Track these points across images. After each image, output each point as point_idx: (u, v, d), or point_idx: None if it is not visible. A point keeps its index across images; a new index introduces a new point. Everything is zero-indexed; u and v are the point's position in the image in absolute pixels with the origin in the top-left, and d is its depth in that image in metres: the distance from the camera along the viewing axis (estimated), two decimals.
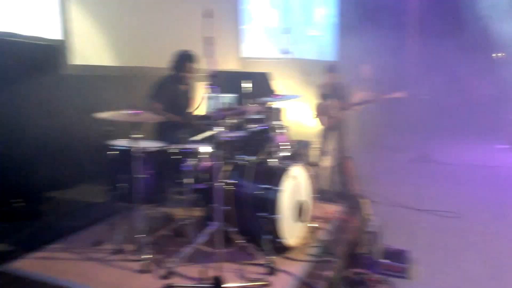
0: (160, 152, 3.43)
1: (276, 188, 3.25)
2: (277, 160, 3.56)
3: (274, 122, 3.77)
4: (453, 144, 9.62)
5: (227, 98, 4.97)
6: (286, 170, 3.35)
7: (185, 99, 4.42)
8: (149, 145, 3.44)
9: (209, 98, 5.12)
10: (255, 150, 3.68)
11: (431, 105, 9.24)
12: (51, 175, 4.37)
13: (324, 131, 6.34)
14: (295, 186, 3.46)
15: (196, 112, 4.25)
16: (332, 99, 6.04)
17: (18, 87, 4.19)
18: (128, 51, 5.45)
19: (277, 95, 4.10)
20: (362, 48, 9.05)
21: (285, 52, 4.11)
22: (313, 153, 6.21)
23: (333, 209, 4.43)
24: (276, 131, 3.69)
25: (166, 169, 3.43)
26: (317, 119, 6.35)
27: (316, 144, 6.33)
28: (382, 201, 5.17)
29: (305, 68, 8.09)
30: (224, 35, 7.22)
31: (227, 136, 3.74)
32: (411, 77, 10.35)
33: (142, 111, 3.21)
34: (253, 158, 3.64)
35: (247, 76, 5.32)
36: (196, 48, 4.16)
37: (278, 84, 6.10)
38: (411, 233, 4.61)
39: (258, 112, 3.83)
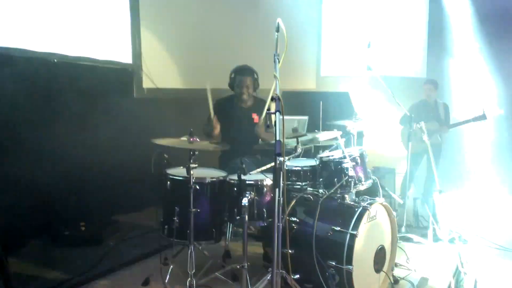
0: (218, 183, 3.07)
1: (351, 231, 2.69)
2: (353, 195, 2.99)
3: (352, 149, 3.23)
4: None
5: (298, 121, 4.47)
6: (365, 209, 2.77)
7: (246, 121, 3.87)
8: (207, 174, 3.10)
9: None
10: (327, 182, 3.16)
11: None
12: (113, 200, 4.29)
13: (412, 158, 5.53)
14: (374, 229, 2.87)
15: (260, 137, 3.79)
16: (427, 120, 5.25)
17: (95, 111, 4.20)
18: (198, 73, 5.30)
19: (357, 118, 3.55)
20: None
21: (369, 68, 3.53)
22: (397, 185, 5.47)
23: (419, 254, 3.70)
24: (354, 160, 3.14)
25: (224, 202, 3.06)
26: (403, 143, 5.59)
27: (400, 173, 5.56)
28: (479, 242, 4.22)
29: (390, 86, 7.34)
30: (302, 52, 6.82)
31: (294, 166, 3.29)
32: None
33: (198, 139, 2.90)
34: (323, 192, 3.12)
35: (322, 95, 4.84)
36: (267, 67, 3.80)
37: (360, 104, 5.48)
38: None
39: (333, 138, 3.31)
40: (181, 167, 3.12)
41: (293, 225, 2.99)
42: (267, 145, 3.45)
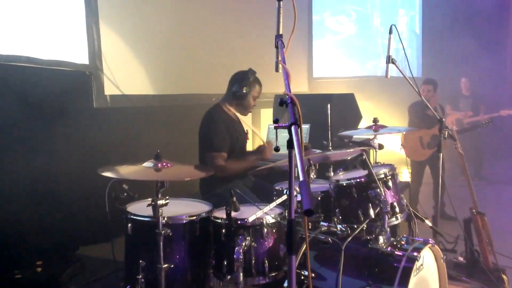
0: (200, 223, 2.20)
1: None
2: (388, 234, 2.14)
3: (379, 168, 2.40)
4: None
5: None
6: (412, 259, 1.93)
7: (244, 137, 3.11)
8: (183, 210, 2.23)
9: (271, 132, 3.99)
10: (348, 215, 2.32)
11: None
12: (76, 232, 3.38)
13: (415, 166, 4.79)
14: (420, 284, 2.03)
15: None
16: (430, 125, 4.51)
17: (46, 127, 3.28)
18: (173, 77, 4.42)
19: (380, 126, 2.73)
20: (452, 59, 7.39)
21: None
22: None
23: None
24: (385, 183, 2.31)
25: (209, 248, 2.19)
26: (405, 149, 4.83)
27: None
28: None
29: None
30: (293, 53, 6.01)
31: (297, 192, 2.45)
32: None
33: (169, 164, 2.02)
34: (343, 229, 2.28)
35: (324, 98, 4.01)
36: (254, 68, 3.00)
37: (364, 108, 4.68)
38: None
39: (352, 154, 2.48)
40: (149, 200, 2.24)
41: (305, 280, 2.13)
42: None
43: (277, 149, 1.42)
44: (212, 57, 4.72)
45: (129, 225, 2.19)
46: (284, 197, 1.98)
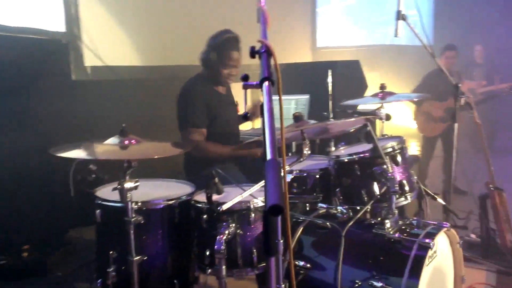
0: (180, 207, 1.91)
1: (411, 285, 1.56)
2: (396, 217, 1.84)
3: (386, 142, 2.08)
4: None
5: (297, 101, 3.27)
6: (425, 247, 1.63)
7: (230, 113, 2.68)
8: (160, 193, 1.95)
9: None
10: (350, 196, 2.02)
11: None
12: (63, 214, 3.11)
13: (426, 140, 4.47)
14: (434, 273, 1.74)
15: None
16: (446, 96, 4.14)
17: (22, 100, 2.97)
18: (156, 47, 4.05)
19: (388, 93, 2.40)
20: (466, 25, 6.89)
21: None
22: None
23: (480, 278, 2.61)
24: (393, 158, 1.99)
25: (191, 234, 1.92)
26: (417, 122, 4.51)
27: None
28: None
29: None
30: (294, 20, 5.58)
31: (294, 169, 2.15)
32: None
33: (134, 140, 1.72)
34: (345, 212, 1.99)
35: (327, 66, 3.64)
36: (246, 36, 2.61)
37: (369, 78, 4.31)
38: None
39: (355, 125, 2.15)
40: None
41: (300, 271, 1.85)
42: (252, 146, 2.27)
43: (245, 116, 1.10)
44: (205, 23, 4.33)
45: (98, 211, 1.90)
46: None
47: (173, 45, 4.14)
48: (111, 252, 1.83)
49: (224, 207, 1.66)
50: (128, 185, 1.70)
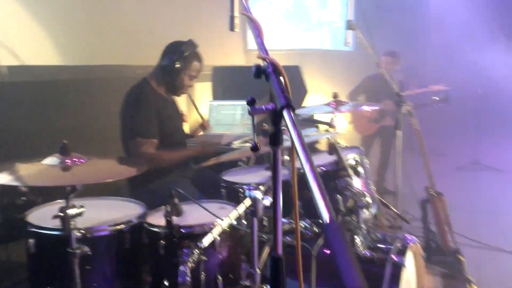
0: (130, 233, 1.68)
1: None
2: (364, 232, 1.79)
3: (346, 152, 2.04)
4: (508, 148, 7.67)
5: (242, 107, 3.14)
6: (398, 266, 1.60)
7: (180, 119, 2.58)
8: (104, 217, 1.69)
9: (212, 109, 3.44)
10: (315, 211, 1.94)
11: (482, 101, 7.38)
12: None
13: (365, 140, 4.67)
14: (404, 285, 1.72)
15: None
16: (383, 98, 4.32)
17: None
18: (83, 45, 3.65)
19: (339, 102, 2.36)
20: (383, 34, 7.31)
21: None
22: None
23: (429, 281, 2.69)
24: (354, 169, 1.95)
25: (144, 264, 1.69)
26: (353, 125, 4.67)
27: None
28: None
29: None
30: (224, 20, 5.44)
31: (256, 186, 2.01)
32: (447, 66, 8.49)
33: (80, 159, 1.46)
34: (309, 228, 1.90)
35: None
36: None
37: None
38: None
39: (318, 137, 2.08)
40: (58, 202, 1.67)
41: None
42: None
43: (255, 148, 0.96)
44: (138, 20, 4.01)
45: (31, 240, 1.60)
46: (247, 202, 1.50)
47: (100, 43, 3.77)
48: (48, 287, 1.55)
49: (205, 241, 1.48)
50: (71, 211, 1.44)
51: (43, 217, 1.63)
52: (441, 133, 7.46)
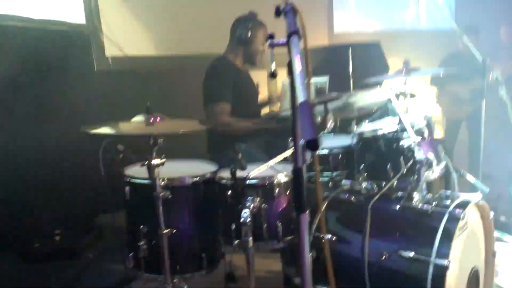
0: (204, 184, 1.94)
1: (438, 260, 1.54)
2: (424, 191, 1.82)
3: (411, 117, 2.05)
4: None
5: (315, 83, 3.25)
6: (455, 217, 1.61)
7: (254, 90, 2.82)
8: (185, 171, 1.97)
9: (286, 86, 3.60)
10: (375, 171, 2.00)
11: None
12: (94, 198, 3.19)
13: (449, 125, 4.35)
14: (465, 245, 1.71)
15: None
16: (468, 78, 4.01)
17: (46, 91, 3.06)
18: (177, 36, 4.06)
19: (410, 69, 2.35)
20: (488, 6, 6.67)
21: None
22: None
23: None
24: (420, 132, 1.96)
25: (216, 211, 1.94)
26: (441, 105, 4.38)
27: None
28: None
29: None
30: (310, 4, 5.51)
31: (323, 148, 2.14)
32: None
33: (159, 118, 1.75)
34: (370, 187, 1.97)
35: (346, 48, 3.59)
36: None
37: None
38: None
39: (377, 98, 2.13)
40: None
41: (330, 240, 1.85)
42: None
43: (273, 74, 1.11)
44: (222, 11, 4.32)
45: (127, 188, 1.95)
46: (291, 149, 1.66)
47: (189, 35, 4.15)
48: (141, 226, 1.87)
49: (251, 174, 1.68)
50: (155, 161, 1.73)
51: (135, 170, 1.96)
52: None
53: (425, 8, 7.02)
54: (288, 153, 1.77)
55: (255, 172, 1.70)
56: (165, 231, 1.79)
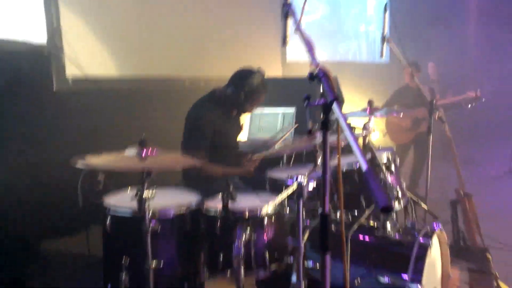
0: (190, 216, 1.97)
1: (414, 285, 1.72)
2: (393, 221, 2.01)
3: (381, 152, 2.25)
4: None
5: (283, 115, 3.38)
6: (424, 247, 1.80)
7: (237, 131, 2.79)
8: (168, 202, 1.99)
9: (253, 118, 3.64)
10: (351, 203, 2.17)
11: None
12: (37, 225, 3.01)
13: (400, 148, 4.79)
14: (429, 271, 1.92)
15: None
16: (413, 106, 4.47)
17: None
18: (142, 56, 4.06)
19: (374, 109, 2.59)
20: (420, 45, 7.42)
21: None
22: None
23: (456, 275, 2.83)
24: (388, 167, 2.16)
25: (200, 243, 1.97)
26: (390, 135, 4.83)
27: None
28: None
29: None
30: (263, 34, 5.76)
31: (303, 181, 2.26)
32: (483, 73, 8.40)
33: (154, 152, 1.77)
34: (348, 217, 2.13)
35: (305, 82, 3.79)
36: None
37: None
38: None
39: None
40: (128, 190, 2.00)
41: (309, 271, 1.97)
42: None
43: (310, 131, 1.22)
44: (185, 34, 4.38)
45: (108, 220, 1.92)
46: (290, 190, 1.76)
47: (153, 57, 4.16)
48: (123, 259, 1.85)
49: (263, 211, 1.77)
50: (146, 194, 1.74)
51: (117, 200, 1.95)
52: (477, 141, 7.44)
53: (365, 43, 7.61)
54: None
55: (264, 209, 1.78)
56: (153, 265, 1.79)
